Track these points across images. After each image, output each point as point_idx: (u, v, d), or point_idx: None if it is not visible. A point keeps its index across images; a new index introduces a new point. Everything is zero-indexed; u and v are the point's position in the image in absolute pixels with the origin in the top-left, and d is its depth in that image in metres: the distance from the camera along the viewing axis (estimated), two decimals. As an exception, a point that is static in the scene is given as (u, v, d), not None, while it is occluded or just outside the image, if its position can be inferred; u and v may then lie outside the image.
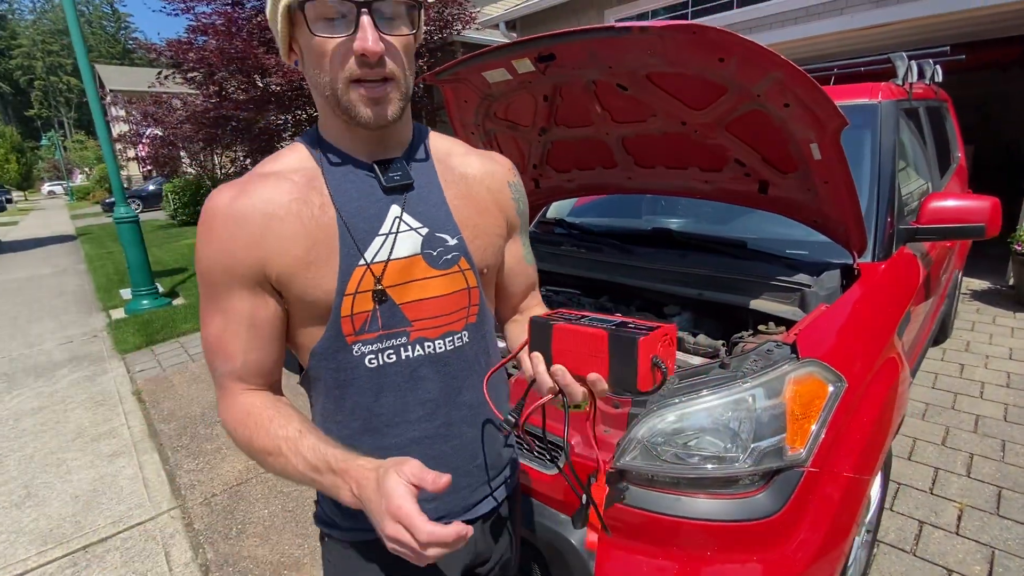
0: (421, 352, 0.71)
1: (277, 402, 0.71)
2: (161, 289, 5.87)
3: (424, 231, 0.71)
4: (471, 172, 0.78)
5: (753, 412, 1.10)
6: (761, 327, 1.53)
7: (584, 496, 0.69)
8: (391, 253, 0.69)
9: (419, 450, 0.71)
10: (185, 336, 4.57)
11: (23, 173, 36.00)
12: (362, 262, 0.67)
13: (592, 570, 1.15)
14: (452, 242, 0.72)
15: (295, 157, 0.71)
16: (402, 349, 0.70)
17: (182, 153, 12.06)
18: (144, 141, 11.75)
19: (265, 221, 0.65)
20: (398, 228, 0.69)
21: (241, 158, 12.09)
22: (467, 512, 0.79)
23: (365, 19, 0.59)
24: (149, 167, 13.17)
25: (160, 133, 10.95)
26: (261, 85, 6.83)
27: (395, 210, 0.70)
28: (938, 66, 2.76)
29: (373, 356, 0.70)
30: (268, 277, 0.66)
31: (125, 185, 5.60)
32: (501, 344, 0.90)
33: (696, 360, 1.50)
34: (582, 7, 7.01)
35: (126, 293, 6.07)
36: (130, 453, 2.71)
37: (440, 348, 0.72)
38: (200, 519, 2.18)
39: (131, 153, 13.77)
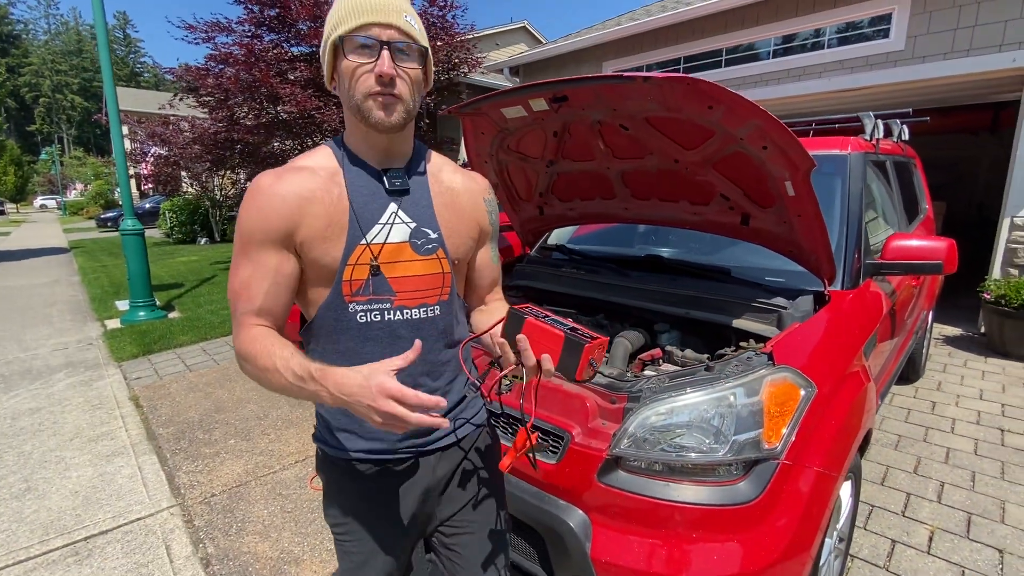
0: (400, 316, 0.90)
1: (278, 335, 0.88)
2: (158, 303, 5.92)
3: (413, 225, 0.91)
4: (455, 186, 0.98)
5: (734, 408, 1.25)
6: (743, 344, 1.69)
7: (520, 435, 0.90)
8: (386, 238, 0.88)
9: None
10: (182, 348, 4.61)
11: (18, 186, 36.06)
12: (363, 241, 0.87)
13: (588, 550, 1.26)
14: (433, 236, 0.92)
15: (322, 156, 0.90)
16: (386, 312, 0.90)
17: (183, 173, 12.25)
18: (148, 159, 11.96)
19: (298, 201, 0.84)
20: (394, 220, 0.89)
21: (242, 180, 12.34)
22: (427, 445, 0.97)
23: (384, 52, 0.80)
24: (151, 185, 13.33)
25: (164, 153, 11.19)
26: (272, 112, 7.10)
27: (393, 207, 0.90)
28: (904, 126, 3.06)
29: (363, 313, 0.89)
30: (294, 242, 0.86)
31: (120, 202, 5.74)
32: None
33: (684, 370, 1.65)
34: (582, 58, 7.50)
35: (121, 305, 6.10)
36: (128, 454, 2.74)
37: (416, 316, 0.91)
38: (200, 516, 2.21)
39: (130, 171, 13.96)
